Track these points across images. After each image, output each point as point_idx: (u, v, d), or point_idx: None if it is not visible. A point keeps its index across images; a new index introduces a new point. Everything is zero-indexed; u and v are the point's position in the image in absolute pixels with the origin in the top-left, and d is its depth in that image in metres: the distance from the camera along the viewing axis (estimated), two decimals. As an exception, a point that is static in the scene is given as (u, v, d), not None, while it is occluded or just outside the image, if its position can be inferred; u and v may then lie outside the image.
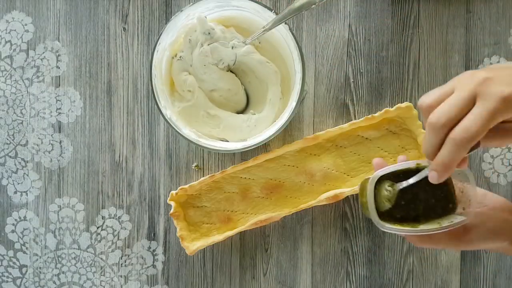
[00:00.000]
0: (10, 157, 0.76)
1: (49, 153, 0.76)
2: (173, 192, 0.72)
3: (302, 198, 0.73)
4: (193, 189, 0.72)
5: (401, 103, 0.72)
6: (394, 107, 0.71)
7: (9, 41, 0.75)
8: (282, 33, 0.67)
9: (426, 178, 0.51)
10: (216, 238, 0.71)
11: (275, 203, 0.74)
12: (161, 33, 0.65)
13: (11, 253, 0.76)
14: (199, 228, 0.73)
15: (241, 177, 0.73)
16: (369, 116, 0.71)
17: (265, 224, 0.73)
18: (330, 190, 0.72)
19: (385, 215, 0.56)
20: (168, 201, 0.72)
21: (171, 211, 0.71)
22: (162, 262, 0.76)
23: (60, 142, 0.76)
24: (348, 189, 0.71)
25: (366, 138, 0.73)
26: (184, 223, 0.72)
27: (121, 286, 0.76)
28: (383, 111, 0.71)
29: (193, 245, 0.71)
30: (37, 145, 0.75)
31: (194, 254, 0.72)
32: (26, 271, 0.76)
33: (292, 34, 0.64)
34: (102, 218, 0.76)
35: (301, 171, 0.73)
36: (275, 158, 0.73)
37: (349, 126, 0.72)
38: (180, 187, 0.72)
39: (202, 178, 0.72)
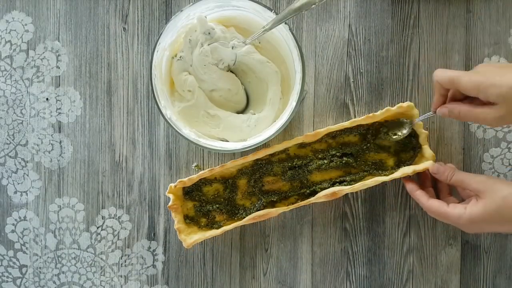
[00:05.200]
0: (10, 157, 0.76)
1: (49, 153, 0.76)
2: (172, 184, 0.71)
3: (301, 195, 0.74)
4: (192, 182, 0.72)
5: (401, 100, 0.73)
6: (396, 106, 0.71)
7: (9, 41, 0.75)
8: (282, 33, 0.67)
9: None
10: (214, 232, 0.71)
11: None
12: (161, 33, 0.65)
13: (11, 253, 0.76)
14: (197, 222, 0.73)
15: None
16: (370, 114, 0.71)
17: (264, 220, 0.72)
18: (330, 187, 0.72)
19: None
20: (166, 193, 0.72)
21: (170, 203, 0.71)
22: (162, 262, 0.76)
23: (60, 142, 0.76)
24: (346, 187, 0.71)
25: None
26: (182, 216, 0.72)
27: (121, 286, 0.76)
28: (384, 109, 0.71)
29: (190, 238, 0.71)
30: (37, 145, 0.76)
31: (191, 247, 0.72)
32: (26, 271, 0.76)
33: (292, 34, 0.64)
34: (102, 218, 0.76)
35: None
36: (275, 156, 0.73)
37: (350, 123, 0.71)
38: (179, 180, 0.72)
39: (201, 172, 0.72)
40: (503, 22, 0.74)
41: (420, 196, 0.69)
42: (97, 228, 0.76)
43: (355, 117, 0.75)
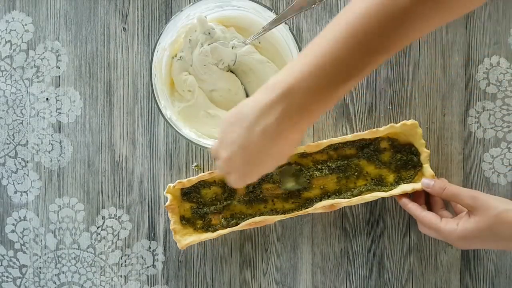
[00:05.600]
0: (10, 157, 0.76)
1: (49, 153, 0.76)
2: (171, 185, 0.71)
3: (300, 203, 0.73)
4: (191, 183, 0.72)
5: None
6: (399, 123, 0.71)
7: (9, 41, 0.75)
8: (282, 33, 0.67)
9: None
10: (209, 235, 0.71)
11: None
12: (161, 33, 0.65)
13: (11, 253, 0.76)
14: (193, 224, 0.73)
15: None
16: (374, 129, 0.71)
17: (259, 226, 0.73)
18: (329, 199, 0.72)
19: None
20: (164, 193, 0.72)
21: (167, 203, 0.71)
22: (162, 262, 0.76)
23: (60, 142, 0.76)
24: (344, 200, 0.70)
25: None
26: (178, 216, 0.72)
27: (121, 286, 0.76)
28: (388, 126, 0.71)
29: (185, 240, 0.71)
30: (37, 145, 0.76)
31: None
32: (26, 271, 0.76)
33: (292, 34, 0.64)
34: (102, 218, 0.76)
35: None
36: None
37: (352, 137, 0.71)
38: (178, 180, 0.72)
39: (201, 174, 0.72)
40: (503, 22, 0.74)
41: (414, 208, 0.69)
42: (97, 228, 0.76)
43: (355, 117, 0.75)
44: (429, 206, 0.71)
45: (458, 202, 0.66)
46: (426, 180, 0.69)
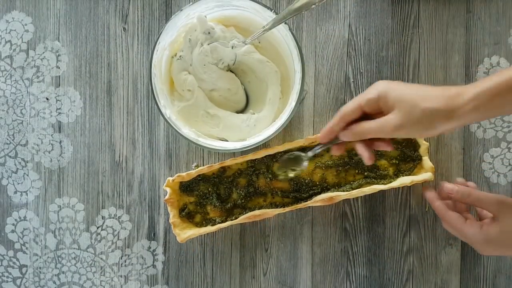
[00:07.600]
0: (10, 157, 0.76)
1: (49, 153, 0.76)
2: (170, 178, 0.71)
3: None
4: (190, 177, 0.71)
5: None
6: None
7: (9, 41, 0.75)
8: (282, 33, 0.67)
9: None
10: (208, 229, 0.71)
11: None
12: (161, 33, 0.65)
13: (11, 253, 0.76)
14: (192, 218, 0.73)
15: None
16: None
17: (259, 220, 0.72)
18: (328, 192, 0.72)
19: None
20: (164, 187, 0.72)
21: (166, 196, 0.71)
22: (162, 262, 0.76)
23: (60, 142, 0.76)
24: (343, 192, 0.70)
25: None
26: (177, 210, 0.72)
27: (121, 286, 0.76)
28: None
29: (184, 233, 0.71)
30: (37, 145, 0.76)
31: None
32: (26, 271, 0.76)
33: (292, 34, 0.64)
34: (102, 218, 0.76)
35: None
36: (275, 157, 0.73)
37: None
38: (177, 174, 0.72)
39: (201, 168, 0.72)
40: (503, 22, 0.74)
41: (440, 207, 0.67)
42: (97, 228, 0.76)
43: (355, 117, 0.75)
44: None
45: (482, 207, 0.64)
46: (450, 186, 0.66)
